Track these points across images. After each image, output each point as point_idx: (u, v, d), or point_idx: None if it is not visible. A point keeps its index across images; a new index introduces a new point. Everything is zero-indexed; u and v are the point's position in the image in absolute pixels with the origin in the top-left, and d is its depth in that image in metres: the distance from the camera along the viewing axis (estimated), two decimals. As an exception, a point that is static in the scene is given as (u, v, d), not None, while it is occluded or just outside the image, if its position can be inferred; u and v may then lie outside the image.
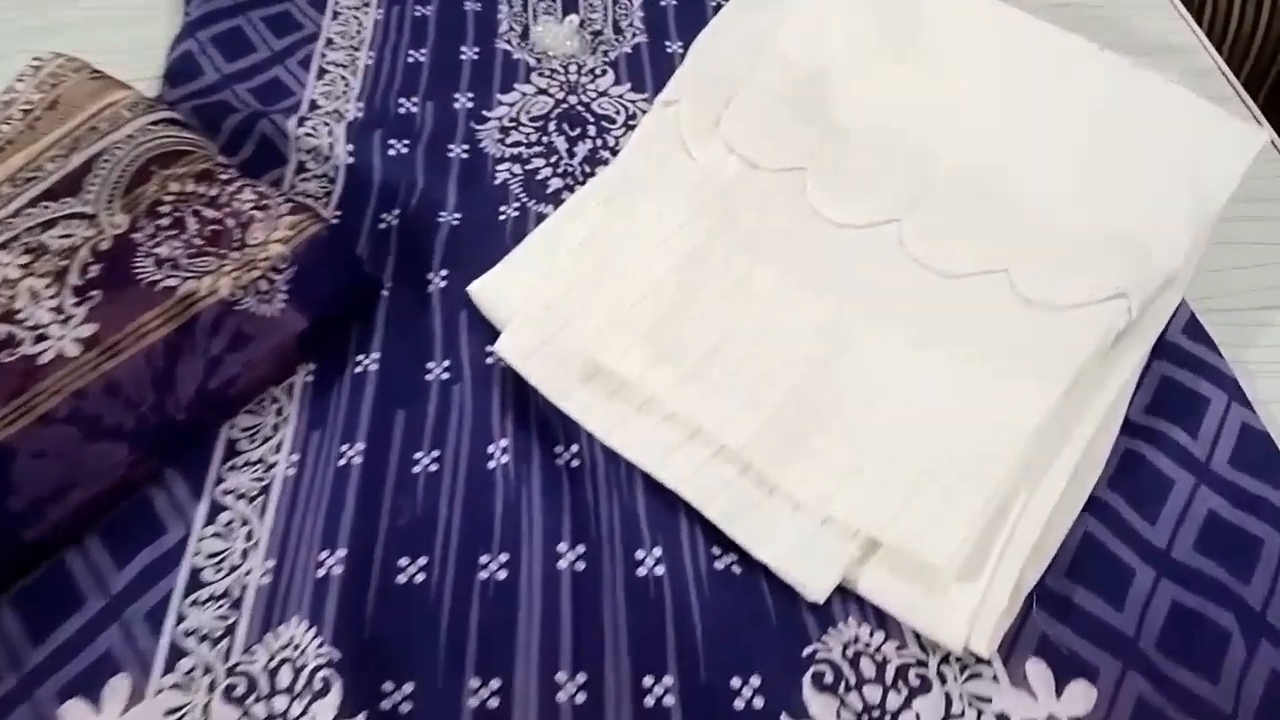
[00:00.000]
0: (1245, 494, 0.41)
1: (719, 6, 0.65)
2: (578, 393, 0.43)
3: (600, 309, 0.44)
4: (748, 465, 0.41)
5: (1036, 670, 0.37)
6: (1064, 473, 0.40)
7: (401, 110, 0.59)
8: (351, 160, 0.56)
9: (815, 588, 0.38)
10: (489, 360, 0.46)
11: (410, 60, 0.62)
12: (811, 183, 0.49)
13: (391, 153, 0.56)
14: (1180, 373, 0.44)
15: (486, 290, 0.47)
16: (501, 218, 0.53)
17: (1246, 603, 0.38)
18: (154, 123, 0.52)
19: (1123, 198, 0.46)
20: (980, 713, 0.36)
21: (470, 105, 0.59)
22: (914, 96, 0.52)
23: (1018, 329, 0.43)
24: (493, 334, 0.46)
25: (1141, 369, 0.43)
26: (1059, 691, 0.36)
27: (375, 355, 0.47)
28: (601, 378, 0.43)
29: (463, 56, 0.62)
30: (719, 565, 0.40)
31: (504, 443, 0.44)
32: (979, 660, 0.37)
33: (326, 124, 0.57)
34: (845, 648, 0.38)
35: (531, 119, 0.58)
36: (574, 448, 0.44)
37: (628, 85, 0.60)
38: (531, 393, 0.44)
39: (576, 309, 0.45)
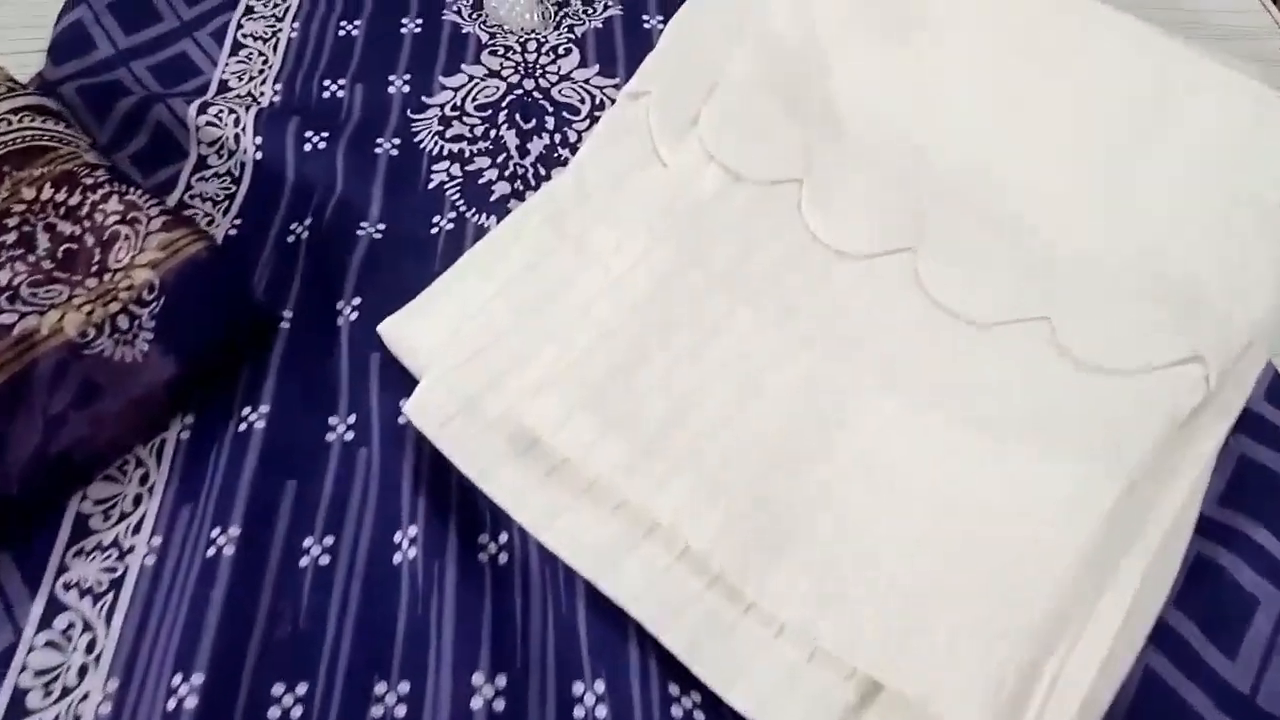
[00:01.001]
0: (1353, 622, 0.32)
1: (706, -27, 0.55)
2: (505, 471, 0.34)
3: (538, 362, 0.35)
4: (716, 575, 0.32)
5: None
6: (1125, 598, 0.31)
7: (325, 95, 0.50)
8: (260, 156, 0.47)
9: (801, 747, 0.29)
10: (402, 419, 0.37)
11: (341, 33, 0.53)
12: (807, 199, 0.39)
13: (308, 147, 0.46)
14: (1263, 452, 0.35)
15: (400, 330, 0.38)
16: (433, 230, 0.44)
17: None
18: (13, 110, 0.43)
19: (1176, 212, 0.37)
20: None
21: (407, 90, 0.50)
22: (920, 77, 0.42)
23: (1062, 398, 0.34)
24: (410, 383, 0.37)
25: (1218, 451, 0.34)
26: None
27: (264, 409, 0.38)
28: (536, 453, 0.34)
29: (403, 29, 0.53)
30: (677, 711, 0.31)
31: (413, 530, 0.35)
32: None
33: (234, 111, 0.48)
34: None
35: (478, 107, 0.49)
36: (502, 538, 0.35)
37: (595, 68, 0.51)
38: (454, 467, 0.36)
39: (508, 362, 0.36)
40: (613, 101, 0.48)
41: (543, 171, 0.46)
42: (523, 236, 0.39)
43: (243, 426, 0.38)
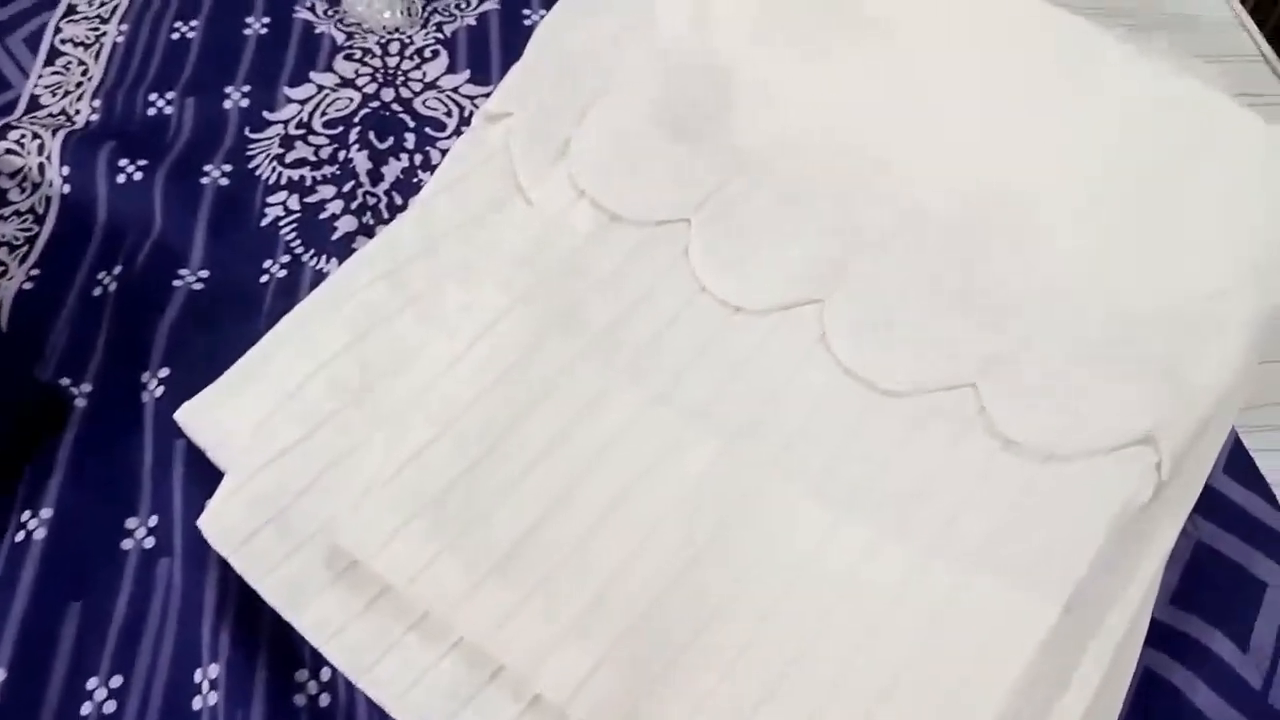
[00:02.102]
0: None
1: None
2: (319, 601, 0.28)
3: (363, 463, 0.29)
4: (577, 725, 0.26)
5: None
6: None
7: (151, 112, 0.43)
8: (67, 190, 0.40)
9: None
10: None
11: (175, 36, 0.46)
12: (696, 243, 0.33)
13: (122, 178, 0.40)
14: (1224, 539, 0.30)
15: (202, 417, 0.31)
16: (264, 279, 0.37)
17: None
18: None
19: (1153, 266, 0.31)
20: None
21: (246, 104, 0.43)
22: (853, 95, 0.36)
23: (991, 488, 0.29)
24: (219, 477, 0.31)
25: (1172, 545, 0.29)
26: None
27: (47, 512, 0.32)
28: (357, 576, 0.28)
29: (247, 30, 0.46)
30: None
31: (215, 670, 0.29)
32: None
33: (39, 136, 0.41)
34: None
35: (327, 124, 0.42)
36: (324, 674, 0.29)
37: (466, 74, 0.44)
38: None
39: (325, 461, 0.29)
40: (486, 116, 0.42)
41: (397, 201, 0.40)
42: (355, 295, 0.32)
43: (19, 536, 0.31)
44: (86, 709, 0.29)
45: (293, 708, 0.28)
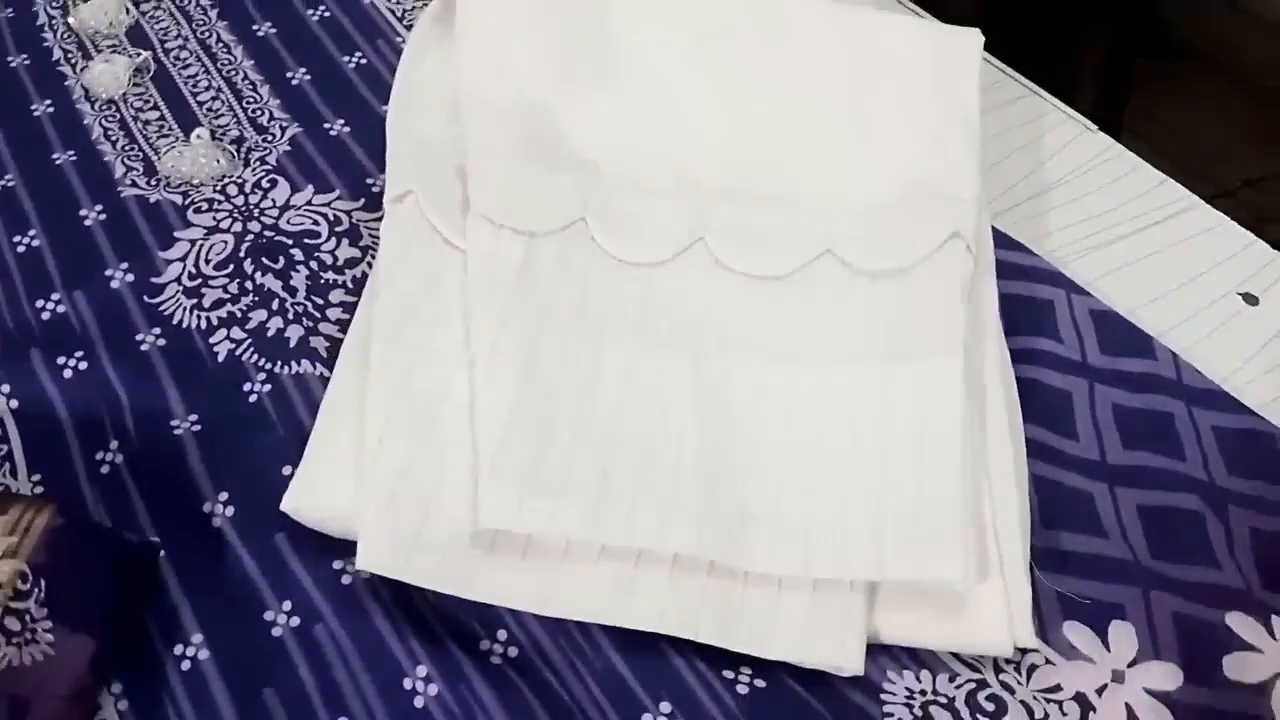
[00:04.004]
0: (1132, 376, 0.42)
1: (357, 66, 0.56)
2: (484, 574, 0.35)
3: (458, 471, 0.37)
4: (709, 566, 0.36)
5: (1076, 633, 0.36)
6: (1003, 431, 0.38)
7: (47, 316, 0.46)
8: (15, 404, 0.42)
9: (850, 661, 0.34)
10: (345, 579, 0.37)
11: (21, 249, 0.48)
12: (599, 232, 0.43)
13: (68, 373, 0.43)
14: (1014, 284, 0.44)
15: (304, 499, 0.37)
16: (252, 399, 0.43)
17: (1195, 478, 0.39)
18: None
19: (898, 145, 0.45)
20: (1060, 705, 0.34)
21: (132, 279, 0.47)
22: (638, 110, 0.48)
23: (877, 307, 0.41)
24: (332, 542, 0.37)
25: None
26: (1106, 645, 0.35)
27: (197, 637, 0.36)
28: (502, 544, 0.36)
29: (87, 221, 0.50)
30: (742, 689, 0.35)
31: (422, 670, 0.35)
32: (1025, 653, 0.35)
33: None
34: (910, 707, 0.34)
35: (218, 266, 0.47)
36: (500, 635, 0.36)
37: (310, 188, 0.51)
38: (421, 593, 0.36)
39: (430, 484, 0.37)
40: (347, 214, 0.49)
41: (322, 301, 0.46)
42: (368, 366, 0.39)
43: (185, 665, 0.35)
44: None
45: (494, 668, 0.35)
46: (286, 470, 0.39)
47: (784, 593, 0.35)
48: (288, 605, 0.37)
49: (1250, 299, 0.45)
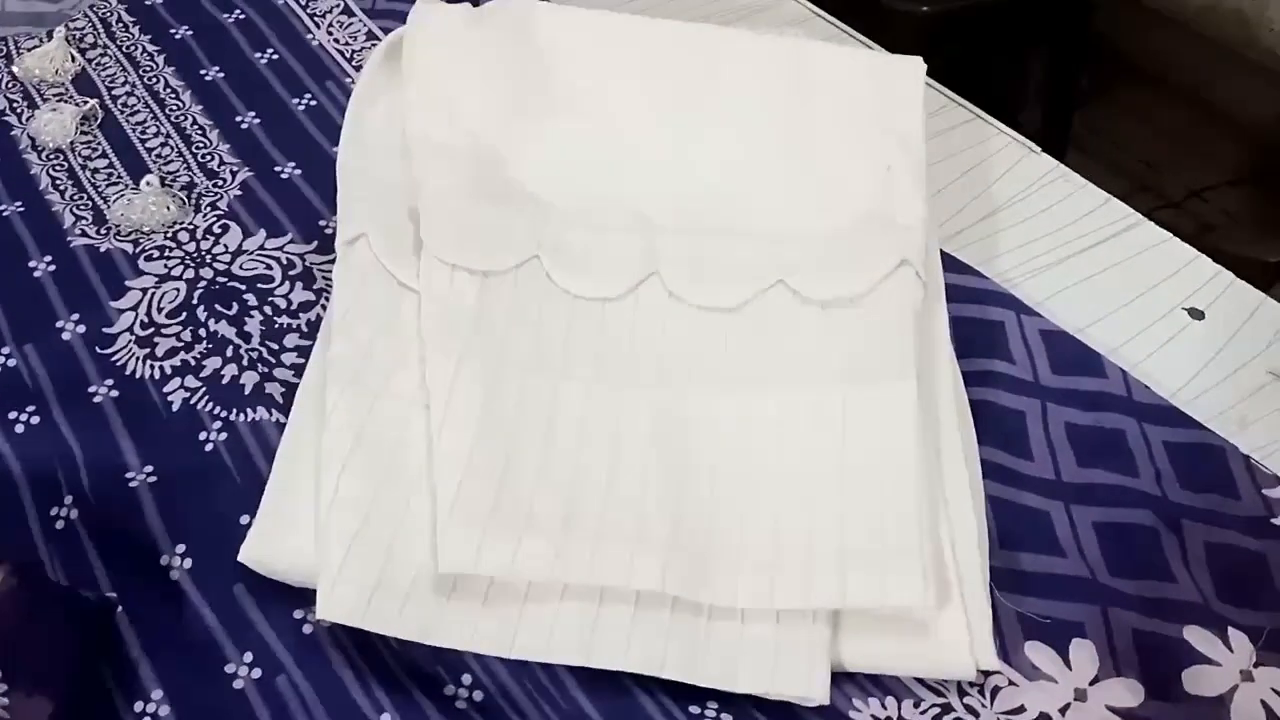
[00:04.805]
0: (1083, 395, 0.42)
1: (307, 108, 0.56)
2: (446, 619, 0.35)
3: (420, 516, 0.36)
4: (673, 601, 0.36)
5: (1038, 653, 0.36)
6: (957, 452, 0.39)
7: (-4, 370, 0.45)
8: (-33, 464, 0.42)
9: (815, 691, 0.34)
10: (306, 628, 0.37)
11: (-33, 306, 0.48)
12: (553, 269, 0.43)
13: (20, 428, 0.43)
14: (966, 307, 0.45)
15: (262, 549, 0.37)
16: (208, 448, 0.42)
17: (1148, 493, 0.39)
18: None
19: (845, 174, 0.46)
20: (1024, 727, 0.35)
21: (83, 330, 0.46)
22: (587, 147, 0.48)
23: (830, 335, 0.42)
24: (292, 591, 0.37)
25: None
26: (1068, 663, 0.36)
27: (157, 693, 0.36)
28: (464, 587, 0.36)
29: (36, 272, 0.49)
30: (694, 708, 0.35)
31: (386, 717, 0.35)
32: (988, 675, 0.36)
33: (-100, 431, 0.42)
34: (876, 736, 0.34)
35: (170, 314, 0.47)
36: (465, 679, 0.36)
37: (262, 233, 0.51)
38: (383, 640, 0.36)
39: (390, 530, 0.36)
40: (301, 258, 0.49)
41: (275, 346, 0.46)
42: (328, 412, 0.39)
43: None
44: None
45: (459, 712, 0.35)
46: (245, 519, 0.39)
47: (748, 625, 0.35)
48: (249, 657, 0.37)
49: (1196, 314, 0.46)
